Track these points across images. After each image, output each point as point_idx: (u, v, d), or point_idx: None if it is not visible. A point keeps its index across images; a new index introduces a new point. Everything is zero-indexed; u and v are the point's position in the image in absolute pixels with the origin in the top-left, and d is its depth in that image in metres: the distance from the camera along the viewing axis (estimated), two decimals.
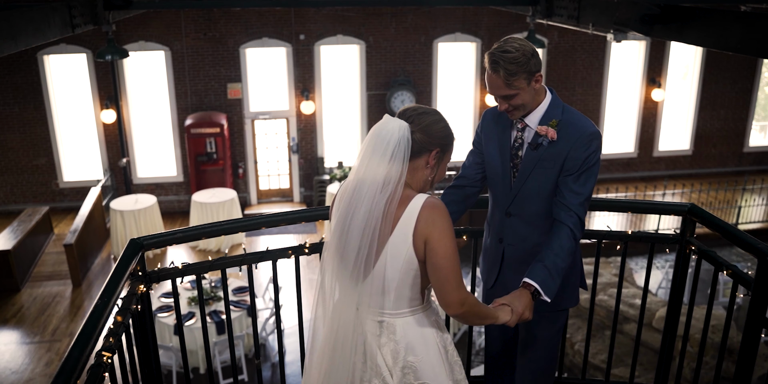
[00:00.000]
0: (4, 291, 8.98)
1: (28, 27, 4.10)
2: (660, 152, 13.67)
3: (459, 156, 2.96)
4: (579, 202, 2.35)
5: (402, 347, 2.03)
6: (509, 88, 2.28)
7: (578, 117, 2.39)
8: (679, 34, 4.37)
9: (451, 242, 1.92)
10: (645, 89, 13.13)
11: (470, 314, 2.01)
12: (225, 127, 11.50)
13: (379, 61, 12.16)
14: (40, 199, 11.95)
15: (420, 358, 2.04)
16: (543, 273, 2.25)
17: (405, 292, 2.00)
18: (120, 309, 2.18)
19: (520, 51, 2.24)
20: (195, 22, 11.46)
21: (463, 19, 12.06)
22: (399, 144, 1.90)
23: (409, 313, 2.04)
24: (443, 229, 1.91)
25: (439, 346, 2.08)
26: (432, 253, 1.92)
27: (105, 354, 1.89)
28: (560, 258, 2.28)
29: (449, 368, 2.10)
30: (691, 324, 3.02)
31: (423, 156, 1.98)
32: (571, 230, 2.32)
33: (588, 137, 2.35)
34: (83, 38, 11.12)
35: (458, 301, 1.95)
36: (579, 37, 12.33)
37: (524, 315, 2.16)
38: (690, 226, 2.93)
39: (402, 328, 2.03)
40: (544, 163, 2.38)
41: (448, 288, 1.93)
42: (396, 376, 2.04)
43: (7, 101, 11.43)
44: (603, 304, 7.78)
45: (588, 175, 2.36)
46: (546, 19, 6.34)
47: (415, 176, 1.99)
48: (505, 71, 2.25)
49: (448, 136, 2.04)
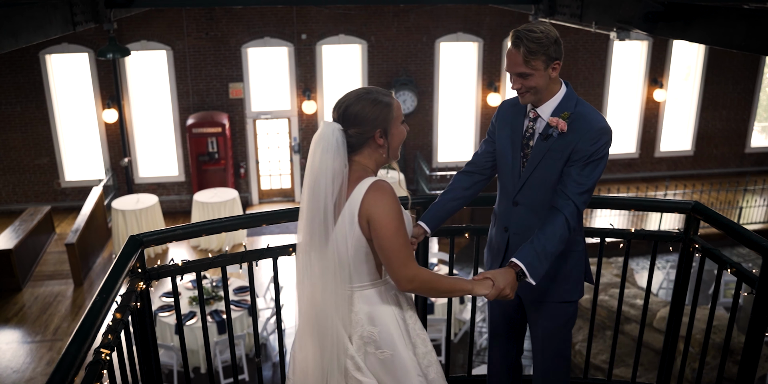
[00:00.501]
0: (5, 290, 8.98)
1: (28, 24, 4.09)
2: (661, 153, 13.65)
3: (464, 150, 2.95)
4: (579, 192, 2.35)
5: (361, 317, 2.16)
6: (526, 66, 2.32)
7: (591, 111, 2.41)
8: (683, 31, 4.35)
9: (393, 222, 2.04)
10: (647, 89, 13.11)
11: (424, 289, 2.12)
12: (226, 127, 11.49)
13: (381, 61, 12.15)
14: (41, 199, 11.95)
15: (378, 329, 2.15)
16: (531, 254, 2.27)
17: (360, 267, 2.13)
18: (119, 306, 2.17)
19: (545, 33, 2.30)
20: (197, 22, 11.46)
21: (465, 19, 12.04)
22: (337, 144, 2.06)
23: (368, 287, 2.17)
24: (385, 210, 2.04)
25: (398, 318, 2.17)
26: (375, 233, 2.05)
27: (103, 351, 1.88)
28: (551, 243, 2.29)
29: (409, 341, 2.18)
30: (693, 324, 2.99)
31: (369, 142, 2.13)
32: (566, 218, 2.33)
33: (597, 131, 2.36)
34: (85, 37, 11.13)
35: (405, 278, 2.06)
36: (581, 36, 12.30)
37: (504, 291, 2.20)
38: (694, 224, 2.91)
39: (360, 299, 2.16)
40: (553, 154, 2.40)
41: (394, 265, 2.06)
42: (355, 344, 2.16)
43: (9, 101, 11.43)
44: (604, 304, 7.76)
45: (593, 167, 2.36)
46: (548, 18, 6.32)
47: (373, 158, 2.16)
48: (526, 48, 2.29)
49: (380, 114, 2.11)
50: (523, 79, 2.35)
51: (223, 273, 2.69)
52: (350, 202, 2.08)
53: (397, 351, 2.15)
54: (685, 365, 3.10)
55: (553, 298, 2.55)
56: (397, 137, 2.18)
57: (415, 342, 2.22)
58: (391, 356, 2.15)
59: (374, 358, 2.16)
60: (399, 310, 2.20)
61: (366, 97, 2.12)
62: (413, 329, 2.23)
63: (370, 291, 2.17)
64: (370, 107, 2.10)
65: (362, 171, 2.13)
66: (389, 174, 11.52)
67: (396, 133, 2.17)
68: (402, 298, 2.24)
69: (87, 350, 1.76)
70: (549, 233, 2.31)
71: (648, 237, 2.98)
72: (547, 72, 2.35)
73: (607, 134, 2.37)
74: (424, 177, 12.05)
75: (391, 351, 2.15)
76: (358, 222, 2.07)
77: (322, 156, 2.06)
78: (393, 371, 2.16)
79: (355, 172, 2.12)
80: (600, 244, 3.03)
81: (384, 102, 2.12)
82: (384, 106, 2.12)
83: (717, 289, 2.87)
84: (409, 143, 12.68)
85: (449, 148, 12.97)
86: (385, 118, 2.12)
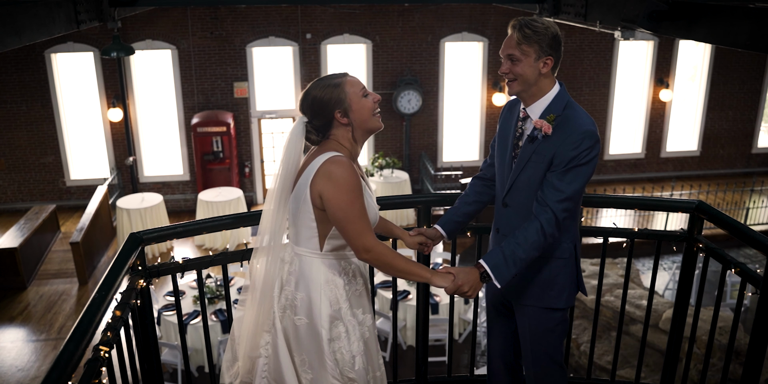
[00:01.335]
0: (10, 289, 9.00)
1: (32, 22, 4.10)
2: (667, 153, 13.60)
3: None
4: (557, 200, 2.29)
5: (291, 279, 2.28)
6: (517, 49, 2.31)
7: (578, 115, 2.35)
8: (687, 30, 4.33)
9: (346, 194, 2.14)
10: (653, 90, 13.06)
11: (380, 263, 2.18)
12: (231, 126, 11.49)
13: (386, 61, 12.14)
14: (47, 197, 11.98)
15: (301, 296, 2.26)
16: (497, 258, 2.27)
17: (304, 231, 2.26)
18: (119, 304, 2.16)
19: (545, 26, 2.31)
20: (202, 21, 11.47)
21: (470, 19, 12.02)
22: (299, 133, 2.25)
23: (308, 254, 2.28)
24: (337, 183, 2.14)
25: (325, 294, 2.25)
26: (328, 205, 2.17)
27: (102, 348, 1.87)
28: (521, 248, 2.27)
29: (328, 321, 2.25)
30: (698, 325, 2.97)
31: (334, 124, 2.25)
32: (542, 225, 2.29)
33: (579, 135, 2.29)
34: (90, 37, 11.15)
35: (362, 247, 2.15)
36: (587, 36, 12.27)
37: (462, 288, 2.22)
38: (698, 223, 2.89)
39: (297, 263, 2.29)
40: (538, 157, 2.36)
41: (350, 235, 2.16)
42: (279, 303, 2.29)
43: (15, 99, 11.47)
44: (609, 304, 7.72)
45: (575, 174, 2.30)
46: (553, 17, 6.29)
47: (344, 136, 2.26)
48: (522, 33, 2.29)
49: (331, 95, 2.21)
50: (512, 62, 2.34)
51: (224, 271, 2.69)
52: (307, 171, 2.20)
53: (312, 321, 2.24)
54: (689, 366, 3.08)
55: (537, 303, 2.52)
56: (361, 111, 2.24)
57: (346, 328, 2.28)
58: (306, 325, 2.25)
59: (290, 321, 2.27)
60: (330, 289, 2.27)
61: (317, 84, 2.24)
62: (344, 314, 2.28)
63: (308, 259, 2.28)
64: (322, 92, 2.21)
65: (333, 148, 2.23)
66: (394, 174, 11.51)
67: (358, 108, 2.23)
68: (341, 282, 2.29)
69: (85, 347, 1.76)
70: (521, 239, 2.29)
71: (651, 236, 2.96)
72: (537, 64, 2.32)
73: (590, 139, 2.29)
74: (429, 177, 12.03)
75: (307, 320, 2.25)
76: (310, 192, 2.19)
77: (289, 143, 2.25)
78: (303, 340, 2.26)
79: (324, 148, 2.24)
80: (603, 244, 3.01)
81: (332, 84, 2.22)
82: (334, 88, 2.21)
83: (721, 290, 2.84)
84: (414, 143, 12.66)
85: (454, 148, 12.95)
86: (338, 99, 2.21)
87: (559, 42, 2.33)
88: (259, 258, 2.31)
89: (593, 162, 2.31)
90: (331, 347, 2.25)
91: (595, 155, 2.31)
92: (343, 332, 2.27)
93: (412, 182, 12.18)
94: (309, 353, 2.26)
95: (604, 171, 13.43)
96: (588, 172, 2.31)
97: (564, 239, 2.44)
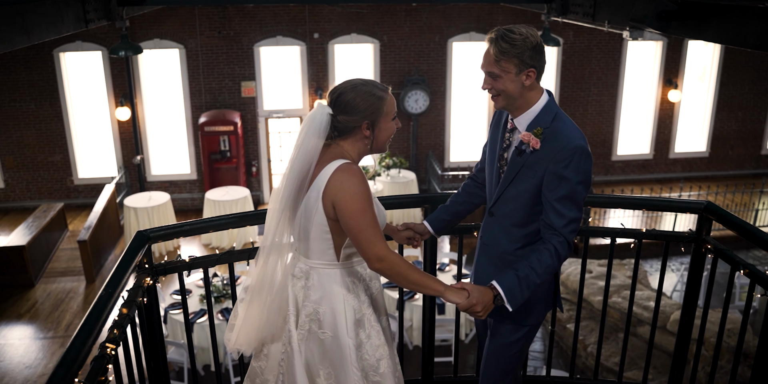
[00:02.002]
0: (18, 286, 9.04)
1: (41, 21, 4.12)
2: (676, 154, 13.53)
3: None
4: (563, 224, 2.24)
5: (312, 294, 2.24)
6: (496, 66, 2.23)
7: (567, 128, 2.25)
8: (696, 31, 4.31)
9: (359, 203, 2.10)
10: (661, 90, 13.00)
11: (393, 273, 2.13)
12: (238, 126, 11.52)
13: (393, 60, 12.13)
14: (55, 196, 12.04)
15: (323, 309, 2.23)
16: (512, 282, 2.20)
17: (318, 244, 2.22)
18: (125, 301, 2.16)
19: (523, 37, 2.19)
20: (210, 20, 11.50)
21: (477, 18, 12.00)
22: (321, 126, 2.17)
23: (325, 266, 2.24)
24: (351, 192, 2.11)
25: (347, 305, 2.23)
26: (341, 214, 2.13)
27: (109, 346, 1.88)
28: (536, 273, 2.21)
29: (354, 329, 2.23)
30: (707, 327, 2.95)
31: (356, 131, 2.19)
32: (555, 249, 2.23)
33: (569, 152, 2.20)
34: (99, 36, 11.19)
35: (374, 257, 2.11)
36: (595, 36, 12.23)
37: (475, 308, 2.16)
38: (706, 224, 2.87)
39: (315, 277, 2.25)
40: (527, 171, 2.29)
41: (362, 244, 2.12)
42: (303, 319, 2.25)
43: (24, 98, 11.52)
44: (617, 306, 7.70)
45: (574, 195, 2.23)
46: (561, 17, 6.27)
47: (356, 146, 2.22)
48: (498, 48, 2.20)
49: (370, 106, 2.16)
50: (493, 79, 2.26)
51: (231, 270, 2.69)
52: (317, 181, 2.16)
53: (337, 335, 2.21)
54: (697, 369, 3.06)
55: (505, 319, 2.45)
56: (385, 132, 2.22)
57: (369, 333, 2.26)
58: (331, 338, 2.22)
59: (315, 337, 2.24)
60: (353, 297, 2.25)
61: (361, 88, 2.17)
62: (368, 320, 2.27)
63: (326, 271, 2.24)
64: (362, 98, 2.16)
65: (340, 154, 2.20)
66: (402, 173, 11.50)
67: (384, 128, 2.21)
68: (361, 288, 2.28)
69: (92, 344, 1.76)
70: (535, 263, 2.22)
71: (659, 237, 2.94)
72: (519, 78, 2.22)
73: (581, 155, 2.20)
74: (435, 177, 12.02)
75: (332, 333, 2.21)
76: (322, 201, 2.15)
77: (306, 134, 2.16)
78: (329, 353, 2.22)
79: (331, 154, 2.19)
80: (611, 244, 3.00)
81: (377, 95, 2.17)
82: (376, 100, 2.17)
83: (729, 291, 2.83)
84: (421, 143, 12.66)
85: (461, 148, 12.93)
86: (374, 111, 2.17)
87: (540, 51, 2.23)
88: (262, 257, 2.27)
89: (587, 177, 2.25)
90: (358, 355, 2.23)
91: (588, 170, 2.24)
92: (366, 338, 2.25)
93: (419, 182, 12.17)
94: (334, 366, 2.23)
95: (612, 171, 13.38)
96: (584, 189, 2.25)
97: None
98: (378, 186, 11.14)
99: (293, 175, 2.18)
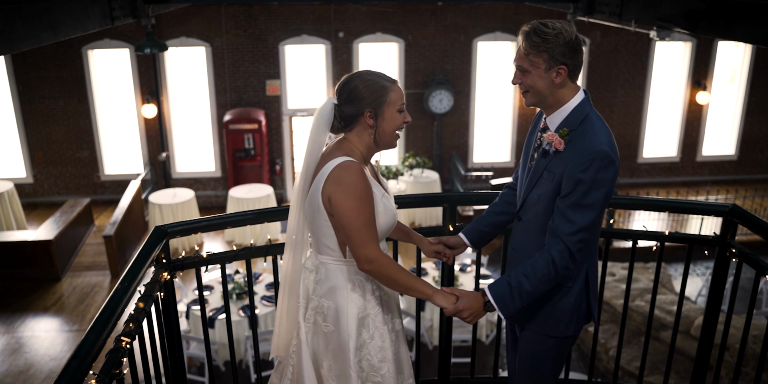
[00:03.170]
0: (45, 280, 9.19)
1: (67, 18, 4.18)
2: (704, 157, 13.31)
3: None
4: (569, 232, 2.11)
5: (318, 288, 2.25)
6: (525, 61, 2.15)
7: (595, 131, 2.13)
8: (726, 30, 4.22)
9: (353, 202, 2.09)
10: (689, 92, 12.79)
11: (382, 275, 2.14)
12: (263, 124, 11.58)
13: (418, 60, 12.11)
14: (82, 191, 12.21)
15: (328, 304, 2.23)
16: (503, 289, 2.16)
17: (324, 240, 2.22)
18: (142, 296, 2.18)
19: (556, 32, 2.10)
20: (235, 19, 11.58)
21: (503, 18, 11.92)
22: (326, 117, 2.18)
23: (333, 262, 2.24)
24: (346, 189, 2.09)
25: (351, 302, 2.22)
26: (335, 211, 2.13)
27: (124, 339, 1.89)
28: (529, 281, 2.14)
29: (356, 328, 2.22)
30: (731, 333, 2.89)
31: (360, 121, 2.18)
32: (553, 258, 2.13)
33: (588, 156, 2.08)
34: (126, 33, 11.33)
35: (363, 258, 2.11)
36: (622, 37, 12.07)
37: (462, 314, 2.15)
38: (731, 227, 2.81)
39: (324, 272, 2.25)
40: (549, 175, 2.19)
41: (352, 244, 2.12)
42: (310, 311, 2.26)
43: (53, 95, 11.71)
44: (640, 310, 7.59)
45: (588, 203, 2.10)
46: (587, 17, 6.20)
47: (363, 138, 2.21)
48: (529, 41, 2.12)
49: (372, 94, 2.15)
50: (522, 74, 2.19)
51: (248, 266, 2.69)
52: (319, 176, 2.16)
53: (338, 330, 2.22)
54: (719, 374, 3.00)
55: (532, 328, 2.38)
56: (390, 123, 2.19)
57: (373, 334, 2.25)
58: (333, 333, 2.23)
59: (320, 329, 2.26)
60: (357, 295, 2.24)
61: (365, 76, 2.18)
62: (373, 321, 2.25)
63: (333, 267, 2.24)
64: (365, 85, 2.16)
65: (347, 150, 2.20)
66: (425, 173, 11.47)
67: (389, 119, 2.19)
68: (369, 287, 2.26)
69: (107, 337, 1.77)
70: (529, 270, 2.15)
71: (682, 240, 2.89)
72: (549, 74, 2.14)
73: (601, 160, 2.07)
74: (459, 177, 11.97)
75: (334, 328, 2.23)
76: (321, 197, 2.15)
77: (315, 128, 2.19)
78: (331, 346, 2.24)
79: (339, 150, 2.19)
80: (632, 247, 2.95)
81: (381, 84, 2.17)
82: (380, 88, 2.16)
83: (754, 296, 2.77)
84: (445, 143, 12.61)
85: (485, 148, 12.86)
86: (377, 99, 2.16)
87: (574, 48, 2.12)
88: (286, 253, 2.32)
89: (607, 187, 2.10)
90: (357, 356, 2.22)
91: (610, 179, 2.09)
92: (369, 338, 2.24)
93: (442, 182, 12.13)
94: (335, 360, 2.24)
95: (638, 174, 13.21)
96: (601, 198, 2.10)
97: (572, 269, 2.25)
98: (401, 186, 11.12)
99: (303, 170, 2.21)
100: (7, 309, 8.49)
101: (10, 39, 3.47)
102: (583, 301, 2.33)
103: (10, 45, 3.53)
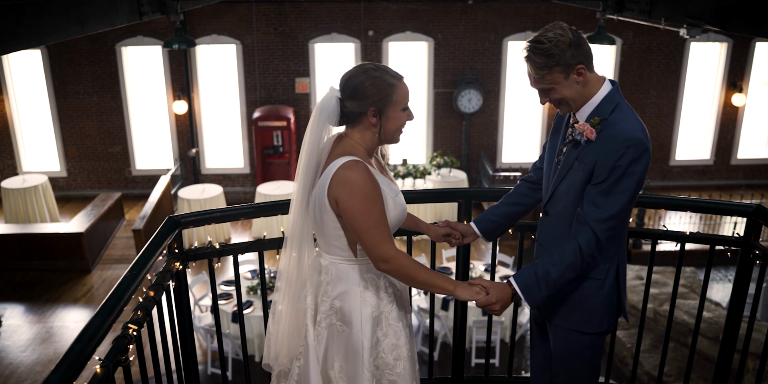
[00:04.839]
0: (76, 271, 9.37)
1: (95, 13, 4.25)
2: (738, 160, 13.01)
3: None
4: (599, 219, 2.08)
5: (330, 289, 2.19)
6: (543, 82, 2.12)
7: (627, 119, 2.11)
8: (759, 28, 4.10)
9: (361, 203, 2.03)
10: (725, 93, 12.51)
11: (400, 274, 2.09)
12: (292, 121, 11.65)
13: (447, 59, 12.05)
14: (113, 186, 12.44)
15: (341, 305, 2.18)
16: (530, 279, 2.12)
17: (333, 240, 2.17)
18: (153, 284, 2.20)
19: (554, 42, 2.06)
20: (266, 17, 11.67)
21: (534, 18, 11.80)
22: (329, 109, 2.11)
23: (343, 262, 2.19)
24: (353, 191, 2.03)
25: (364, 301, 2.17)
26: (344, 213, 2.07)
27: (131, 326, 1.90)
28: (555, 269, 2.10)
29: (370, 327, 2.17)
30: (753, 338, 2.82)
31: (362, 118, 2.11)
32: (580, 246, 2.10)
33: (622, 143, 2.05)
34: (159, 31, 11.50)
35: (378, 258, 2.06)
36: (655, 37, 11.86)
37: (493, 307, 2.11)
38: (755, 228, 2.74)
39: (334, 272, 2.19)
40: (579, 165, 2.16)
41: (366, 245, 2.07)
42: (319, 315, 2.21)
43: (87, 91, 11.94)
44: (666, 314, 7.45)
45: (618, 189, 2.07)
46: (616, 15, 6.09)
47: (365, 136, 2.14)
48: (535, 64, 2.10)
49: (378, 93, 2.08)
50: (546, 93, 2.16)
51: (260, 258, 2.70)
52: (324, 176, 2.10)
53: (352, 331, 2.17)
54: (742, 379, 2.93)
55: (564, 324, 2.34)
56: (393, 122, 2.13)
57: (387, 332, 2.20)
58: (346, 333, 2.18)
59: (334, 329, 2.20)
60: (371, 294, 2.19)
61: (371, 72, 2.10)
62: (386, 318, 2.21)
63: (344, 267, 2.19)
64: (371, 83, 2.08)
65: (350, 147, 2.13)
66: (452, 173, 11.41)
67: (393, 118, 2.12)
68: (382, 284, 2.21)
69: (111, 323, 1.78)
70: (556, 258, 2.11)
71: (703, 240, 2.81)
72: (571, 81, 2.11)
73: (636, 147, 2.04)
74: (487, 177, 11.89)
75: (348, 328, 2.18)
76: (327, 199, 2.08)
77: (316, 119, 2.12)
78: (345, 346, 2.19)
79: (342, 148, 2.13)
80: (651, 247, 2.89)
81: (387, 82, 2.09)
82: (386, 86, 2.09)
83: None
84: (474, 143, 12.53)
85: (514, 148, 12.75)
86: (383, 98, 2.09)
87: (577, 44, 2.08)
88: (285, 251, 2.24)
89: (639, 174, 2.07)
90: (372, 354, 2.19)
91: (643, 167, 2.07)
92: (383, 336, 2.20)
93: (470, 182, 12.06)
94: (347, 360, 2.19)
95: (670, 177, 12.97)
96: (633, 186, 2.08)
97: (602, 258, 2.22)
98: (428, 185, 11.08)
99: (302, 164, 2.15)
100: (39, 299, 8.68)
101: (38, 32, 3.54)
102: (614, 295, 2.31)
103: (38, 38, 3.61)
